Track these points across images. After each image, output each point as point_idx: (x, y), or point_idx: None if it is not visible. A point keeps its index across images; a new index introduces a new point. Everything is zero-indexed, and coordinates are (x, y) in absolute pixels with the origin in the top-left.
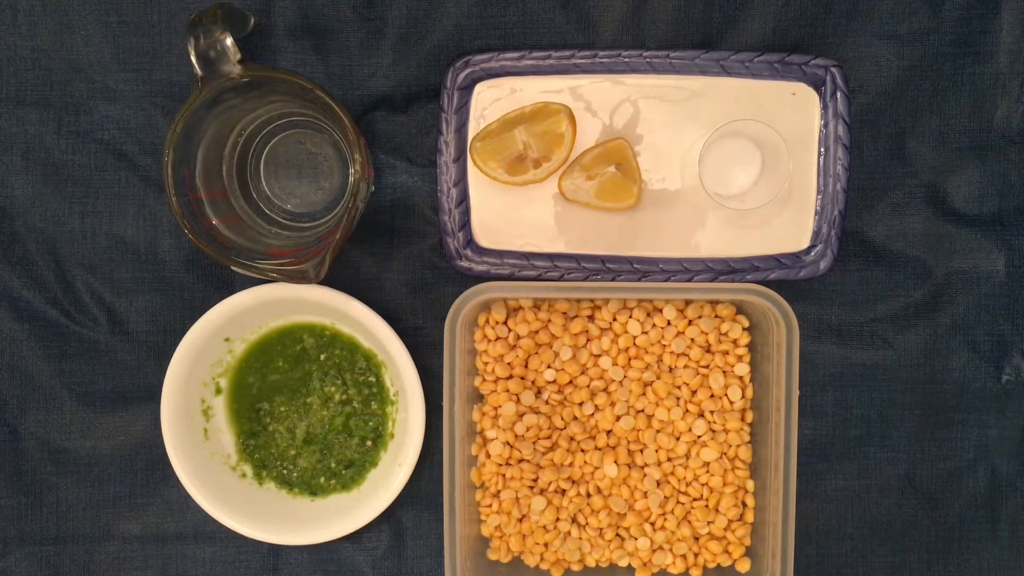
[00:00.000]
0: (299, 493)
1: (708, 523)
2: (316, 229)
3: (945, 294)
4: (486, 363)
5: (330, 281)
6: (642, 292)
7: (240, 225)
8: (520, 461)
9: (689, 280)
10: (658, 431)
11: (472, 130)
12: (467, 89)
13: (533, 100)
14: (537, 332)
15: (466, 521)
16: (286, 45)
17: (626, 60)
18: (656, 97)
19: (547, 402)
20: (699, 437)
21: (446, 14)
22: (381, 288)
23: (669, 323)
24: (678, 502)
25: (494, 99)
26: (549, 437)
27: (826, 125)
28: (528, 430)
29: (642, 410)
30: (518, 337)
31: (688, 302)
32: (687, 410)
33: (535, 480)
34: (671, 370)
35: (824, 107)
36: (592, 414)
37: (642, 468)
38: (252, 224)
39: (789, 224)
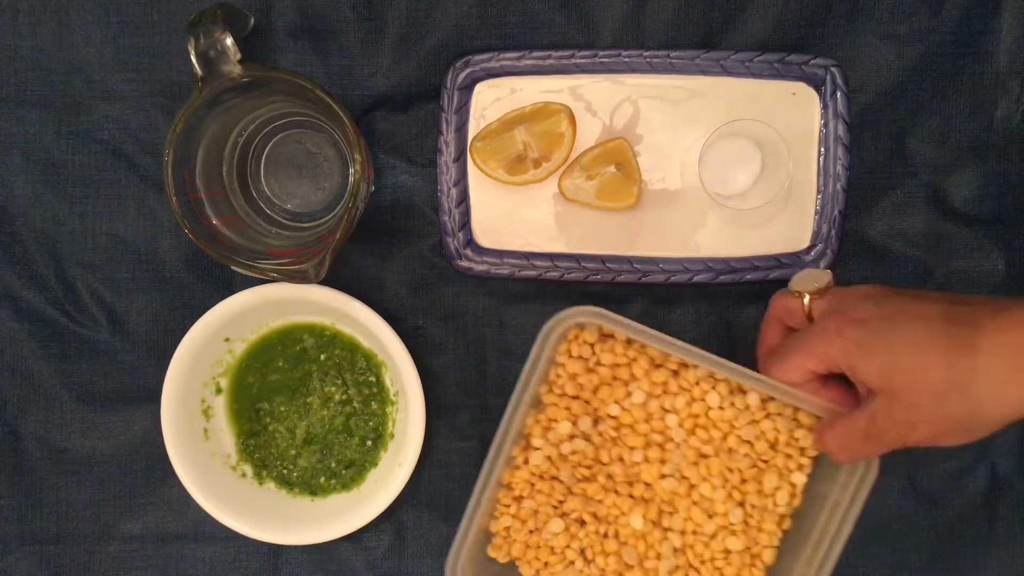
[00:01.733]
0: (299, 493)
1: None
2: (316, 229)
3: None
4: (559, 376)
5: (330, 281)
6: (736, 375)
7: (240, 225)
8: (554, 479)
9: (689, 280)
10: (695, 502)
11: (472, 130)
12: (467, 89)
13: (533, 100)
14: (619, 366)
15: (486, 512)
16: (286, 45)
17: (626, 60)
18: (656, 97)
19: (601, 434)
20: (731, 524)
21: (446, 14)
22: (381, 288)
23: (748, 408)
24: None
25: (494, 99)
26: (590, 467)
27: (826, 125)
28: (573, 453)
29: (687, 478)
30: (599, 363)
31: (772, 398)
32: (730, 495)
33: (561, 502)
34: (730, 451)
35: (824, 107)
36: (639, 462)
37: (666, 530)
38: (252, 224)
39: (789, 224)
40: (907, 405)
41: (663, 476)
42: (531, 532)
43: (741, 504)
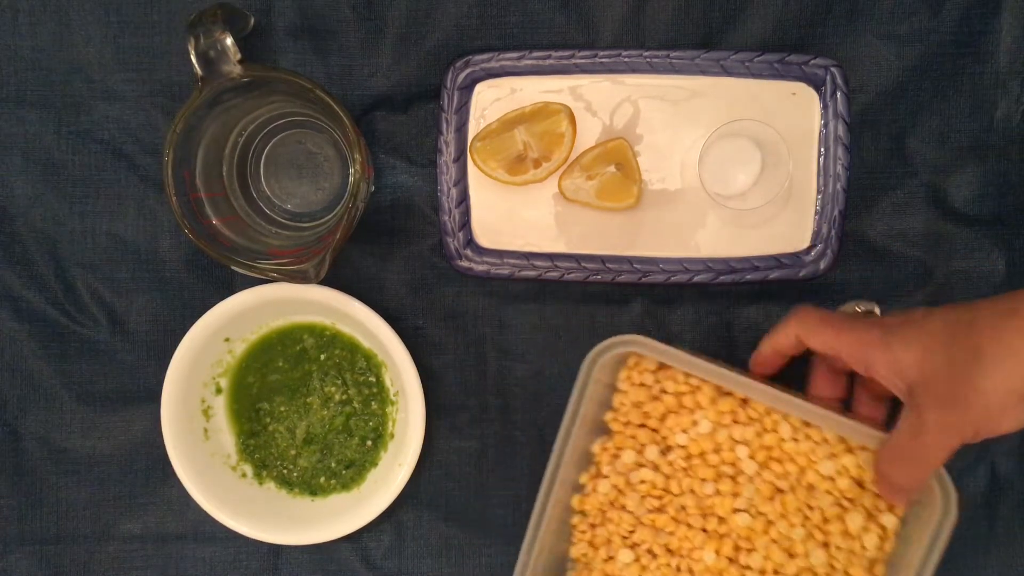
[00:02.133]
0: (299, 493)
1: None
2: (316, 229)
3: (945, 294)
4: (622, 404)
5: (330, 281)
6: (794, 408)
7: (240, 225)
8: (623, 508)
9: (689, 280)
10: (773, 540)
11: (472, 130)
12: (467, 89)
13: (533, 100)
14: (683, 395)
15: (552, 532)
16: (286, 45)
17: (626, 60)
18: (656, 97)
19: (671, 464)
20: (813, 566)
21: (446, 14)
22: (381, 288)
23: (825, 441)
24: None
25: (494, 99)
26: (660, 498)
27: (826, 125)
28: (642, 483)
29: (764, 513)
30: (663, 391)
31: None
32: (811, 535)
33: (631, 532)
34: (810, 488)
35: (824, 107)
36: (711, 495)
37: (743, 568)
38: (252, 224)
39: (789, 224)
40: (948, 390)
41: (737, 511)
42: (605, 561)
43: (825, 545)
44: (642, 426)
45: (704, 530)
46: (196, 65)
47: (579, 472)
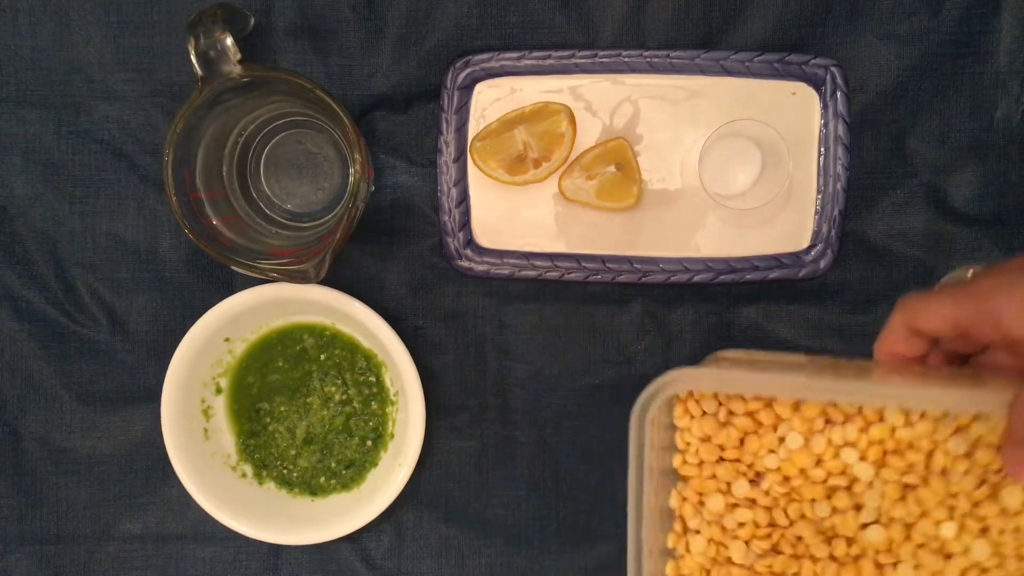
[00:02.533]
0: (299, 493)
1: None
2: (316, 229)
3: None
4: (688, 442)
5: (330, 281)
6: (916, 396)
7: (240, 225)
8: (728, 562)
9: (689, 280)
10: (920, 546)
11: (472, 130)
12: (467, 89)
13: (533, 100)
14: (756, 412)
15: None
16: (286, 45)
17: (626, 60)
18: (656, 97)
19: (768, 493)
20: (980, 562)
21: (446, 14)
22: (381, 288)
23: (947, 415)
24: None
25: (494, 99)
26: (769, 536)
27: (826, 125)
28: (741, 526)
29: (897, 519)
30: (731, 413)
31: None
32: (964, 526)
33: None
34: (944, 473)
35: (824, 107)
36: (828, 516)
37: None
38: (252, 224)
39: (789, 224)
40: None
41: (864, 526)
42: None
43: (984, 533)
44: (720, 461)
45: (833, 558)
46: (196, 65)
47: (665, 535)
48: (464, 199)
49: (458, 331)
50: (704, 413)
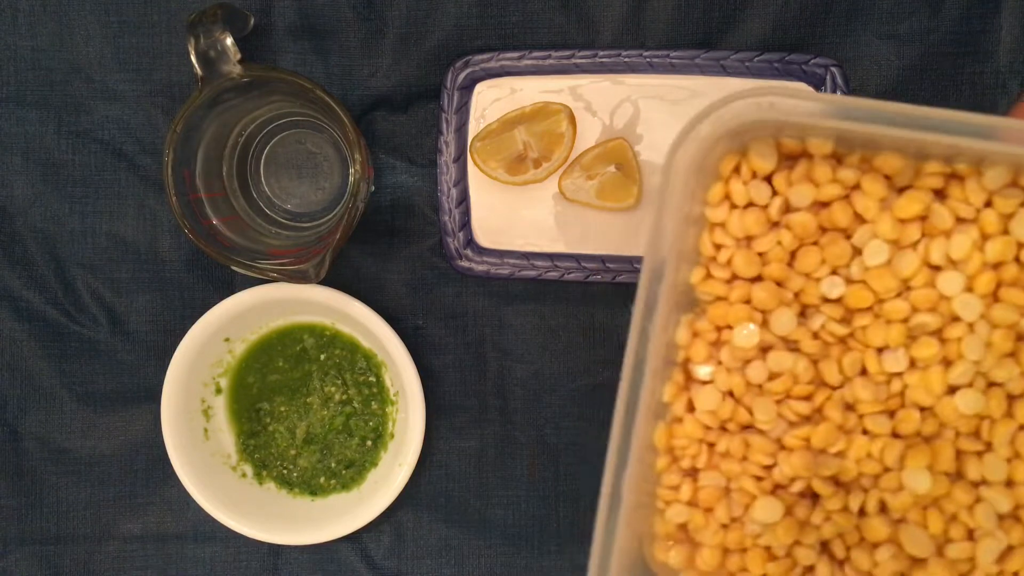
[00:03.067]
0: (299, 493)
1: None
2: (316, 229)
3: None
4: (719, 246)
5: (330, 281)
6: None
7: (240, 225)
8: (747, 428)
9: None
10: (1023, 426)
11: (472, 130)
12: (467, 89)
13: (533, 100)
14: (828, 205)
15: (632, 510)
16: (286, 45)
17: (626, 60)
18: (656, 97)
19: (817, 335)
20: None
21: (446, 14)
22: (381, 288)
23: None
24: None
25: (494, 99)
26: (809, 398)
27: None
28: (773, 379)
29: (1000, 384)
30: (788, 208)
31: None
32: None
33: (768, 467)
34: None
35: None
36: (901, 372)
37: (976, 486)
38: (252, 224)
39: None
40: None
41: (952, 389)
42: (725, 527)
43: None
44: (757, 279)
45: (896, 435)
46: (196, 65)
47: (662, 383)
48: (464, 199)
49: (458, 331)
50: (750, 204)
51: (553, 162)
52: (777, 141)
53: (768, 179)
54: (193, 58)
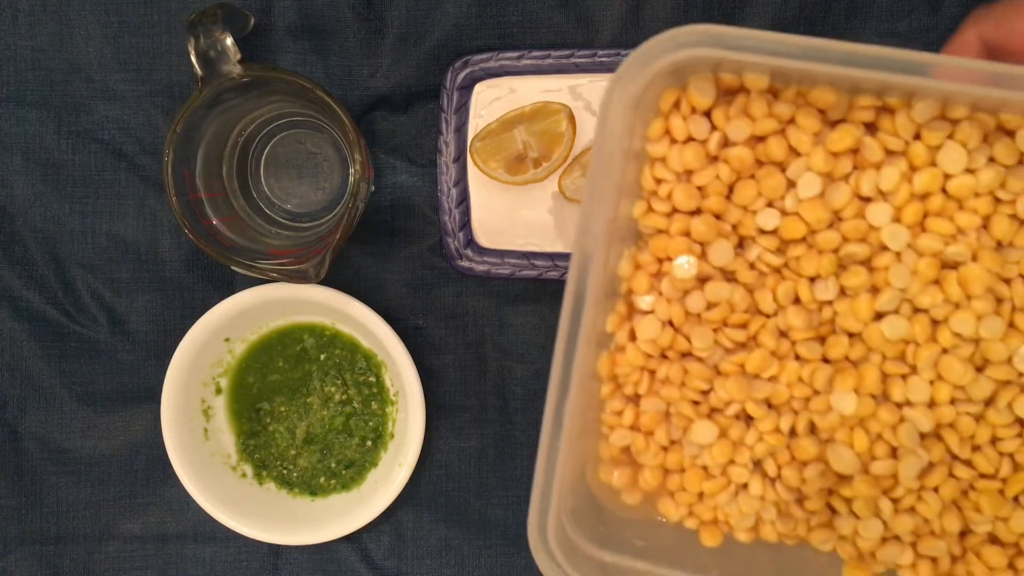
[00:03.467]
0: (299, 493)
1: (996, 520)
2: (316, 229)
3: None
4: (660, 180)
5: (330, 281)
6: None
7: (240, 225)
8: (686, 356)
9: None
10: (946, 350)
11: (472, 130)
12: (467, 89)
13: (533, 100)
14: (764, 139)
15: (576, 435)
16: (286, 45)
17: None
18: None
19: (753, 266)
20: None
21: (445, 14)
22: (381, 288)
23: (1022, 161)
24: (951, 475)
25: (494, 99)
26: (744, 326)
27: None
28: (711, 308)
29: (924, 310)
30: (726, 142)
31: None
32: (1012, 323)
33: (705, 392)
34: (1000, 247)
35: None
36: (831, 300)
37: (900, 407)
38: (252, 224)
39: None
40: None
41: (880, 316)
42: (665, 449)
43: None
44: (696, 212)
45: (826, 360)
46: (196, 65)
47: (604, 314)
48: (464, 199)
49: (458, 331)
50: (690, 139)
51: (553, 161)
52: (716, 77)
53: (707, 114)
54: (193, 58)
